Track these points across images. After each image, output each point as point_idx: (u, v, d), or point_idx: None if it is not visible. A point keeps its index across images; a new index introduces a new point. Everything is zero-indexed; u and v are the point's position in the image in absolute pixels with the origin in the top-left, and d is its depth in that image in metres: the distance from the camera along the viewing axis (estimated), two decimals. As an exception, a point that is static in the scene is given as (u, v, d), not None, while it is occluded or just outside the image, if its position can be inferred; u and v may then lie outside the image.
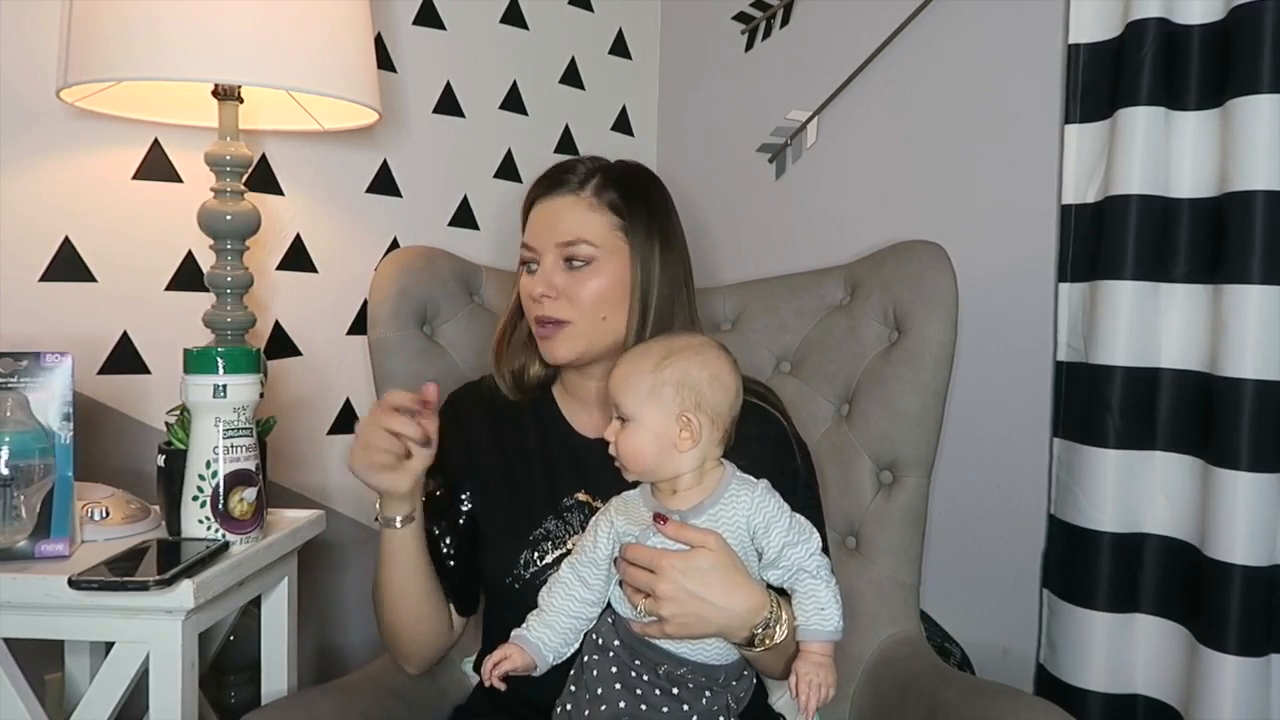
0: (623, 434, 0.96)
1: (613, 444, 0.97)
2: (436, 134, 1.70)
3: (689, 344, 0.99)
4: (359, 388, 1.61)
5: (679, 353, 0.98)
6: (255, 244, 1.35)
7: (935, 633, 1.50)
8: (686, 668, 0.96)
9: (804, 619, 0.96)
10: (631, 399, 0.96)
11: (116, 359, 1.39)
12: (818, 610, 0.96)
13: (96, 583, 0.95)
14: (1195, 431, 1.36)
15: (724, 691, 0.98)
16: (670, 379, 0.96)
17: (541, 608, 1.00)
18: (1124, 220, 1.38)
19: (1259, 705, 1.29)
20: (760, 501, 0.96)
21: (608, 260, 1.09)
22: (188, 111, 1.36)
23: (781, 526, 0.96)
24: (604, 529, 0.99)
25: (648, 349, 0.99)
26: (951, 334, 1.37)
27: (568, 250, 1.08)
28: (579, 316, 1.08)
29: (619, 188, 1.11)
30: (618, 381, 0.98)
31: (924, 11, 1.65)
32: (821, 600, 0.96)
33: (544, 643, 0.99)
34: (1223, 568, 1.29)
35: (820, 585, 0.96)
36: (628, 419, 0.96)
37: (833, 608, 0.96)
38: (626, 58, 1.99)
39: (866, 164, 1.75)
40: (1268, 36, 1.26)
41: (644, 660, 0.96)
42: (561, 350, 1.08)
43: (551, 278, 1.08)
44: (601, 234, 1.09)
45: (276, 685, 1.25)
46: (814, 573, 0.97)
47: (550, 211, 1.10)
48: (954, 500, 1.61)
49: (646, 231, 1.11)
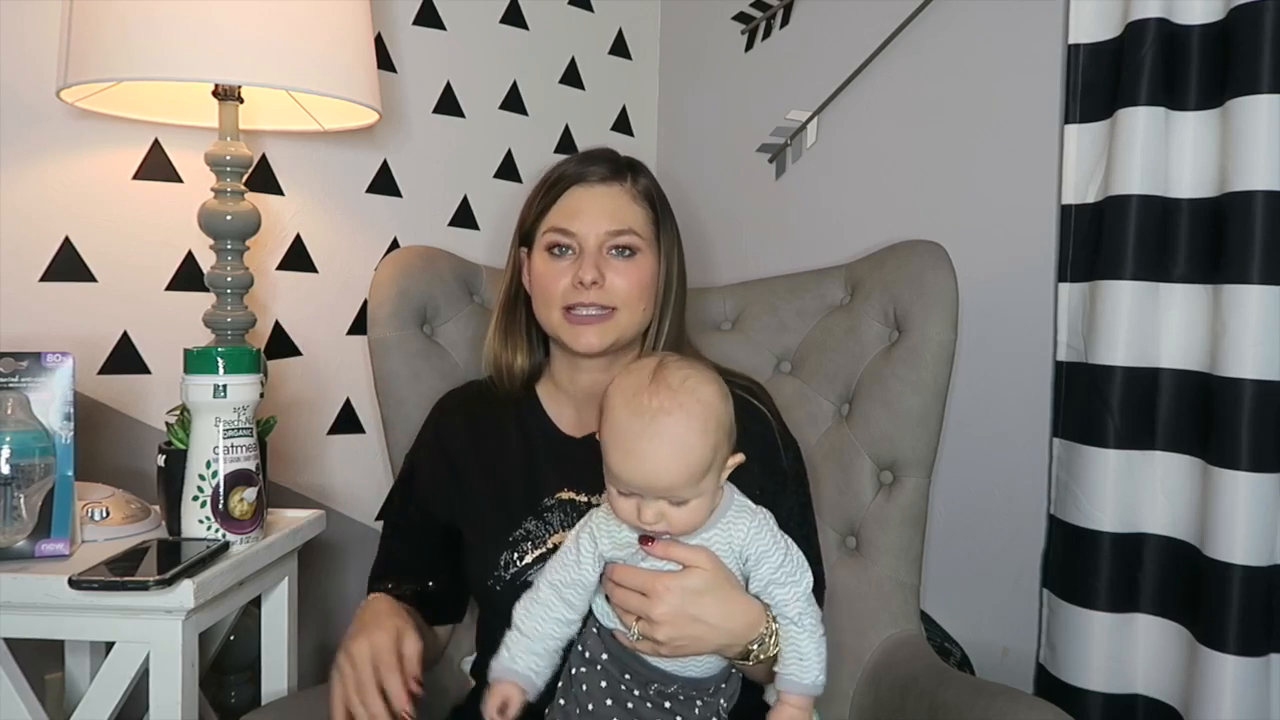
0: (680, 515, 0.87)
1: (659, 527, 0.88)
2: (436, 134, 1.70)
3: (685, 375, 0.89)
4: (359, 388, 1.61)
5: (694, 390, 0.87)
6: (255, 244, 1.35)
7: (935, 633, 1.50)
8: (677, 684, 0.94)
9: (782, 667, 0.92)
10: (696, 480, 0.86)
11: (117, 359, 1.39)
12: (797, 660, 0.91)
13: (96, 583, 0.95)
14: (1195, 431, 1.36)
15: (714, 700, 0.96)
16: (715, 427, 0.87)
17: (523, 632, 0.95)
18: (1124, 220, 1.38)
19: (1259, 705, 1.28)
20: (756, 532, 0.92)
21: (647, 253, 1.10)
22: (188, 111, 1.36)
23: (773, 563, 0.92)
24: (587, 548, 0.94)
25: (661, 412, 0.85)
26: (952, 334, 1.37)
27: (619, 239, 1.08)
28: (623, 305, 1.07)
29: (650, 182, 1.14)
30: (675, 471, 0.85)
31: (924, 11, 1.65)
32: (802, 650, 0.91)
33: (534, 670, 0.95)
34: (1223, 568, 1.29)
35: (802, 634, 0.91)
36: (685, 500, 0.87)
37: (813, 660, 0.91)
38: (626, 58, 1.99)
39: (866, 164, 1.75)
40: (1268, 36, 1.26)
41: (634, 674, 0.94)
42: (598, 339, 1.07)
43: (599, 265, 1.07)
44: (643, 226, 1.11)
45: (276, 685, 1.25)
46: (796, 620, 0.92)
47: (598, 198, 1.10)
48: (954, 500, 1.61)
49: (671, 228, 1.14)
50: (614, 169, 1.12)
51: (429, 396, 1.31)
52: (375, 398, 1.38)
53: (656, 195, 1.14)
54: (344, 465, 1.62)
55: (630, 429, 0.86)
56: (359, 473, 1.62)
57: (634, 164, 1.15)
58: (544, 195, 1.13)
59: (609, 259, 1.08)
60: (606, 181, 1.11)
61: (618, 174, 1.12)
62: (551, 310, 1.09)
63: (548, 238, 1.10)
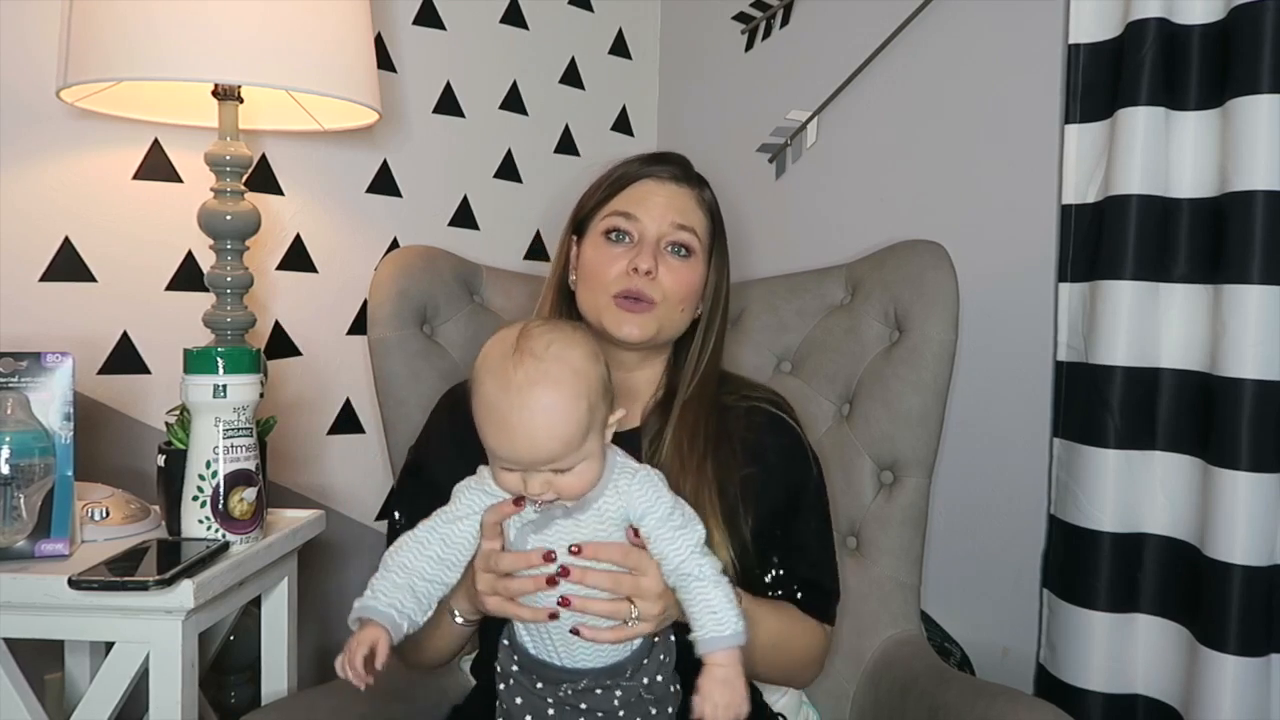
0: (568, 481, 0.86)
1: (549, 498, 0.86)
2: (436, 134, 1.70)
3: (549, 341, 0.86)
4: (359, 388, 1.61)
5: (559, 355, 0.86)
6: (255, 244, 1.35)
7: (935, 633, 1.50)
8: (585, 678, 0.90)
9: (699, 629, 0.87)
10: (575, 445, 0.85)
11: (116, 359, 1.39)
12: (710, 614, 0.86)
13: (96, 583, 0.95)
14: (1195, 431, 1.36)
15: (634, 683, 0.91)
16: (586, 390, 0.85)
17: (390, 569, 0.91)
18: (1124, 220, 1.38)
19: (1259, 705, 1.29)
20: (640, 488, 0.89)
21: (699, 258, 1.11)
22: (188, 111, 1.36)
23: (660, 514, 0.88)
24: (467, 503, 0.92)
25: (527, 384, 0.84)
26: (952, 334, 1.37)
27: (680, 235, 1.09)
28: (665, 302, 1.07)
29: (714, 199, 1.15)
30: (552, 441, 0.84)
31: (924, 11, 1.65)
32: (713, 603, 0.87)
33: (397, 609, 0.88)
34: (1223, 568, 1.29)
35: (707, 587, 0.87)
36: (570, 467, 0.85)
37: (726, 609, 0.87)
38: (626, 58, 1.99)
39: (866, 164, 1.75)
40: (1268, 36, 1.26)
41: (544, 680, 0.92)
42: (638, 330, 1.06)
43: (656, 256, 1.07)
44: (703, 232, 1.12)
45: (276, 685, 1.25)
46: (696, 575, 0.87)
47: (668, 193, 1.11)
48: (954, 500, 1.61)
49: (725, 249, 1.15)
50: (685, 172, 1.14)
51: (429, 396, 1.30)
52: (375, 398, 1.38)
53: (717, 213, 1.15)
54: (344, 465, 1.62)
55: (500, 404, 0.84)
56: (359, 473, 1.62)
57: (702, 177, 1.17)
58: (610, 184, 1.13)
59: (664, 254, 1.08)
60: (677, 181, 1.12)
61: (688, 178, 1.14)
62: (599, 294, 1.07)
63: (608, 221, 1.10)
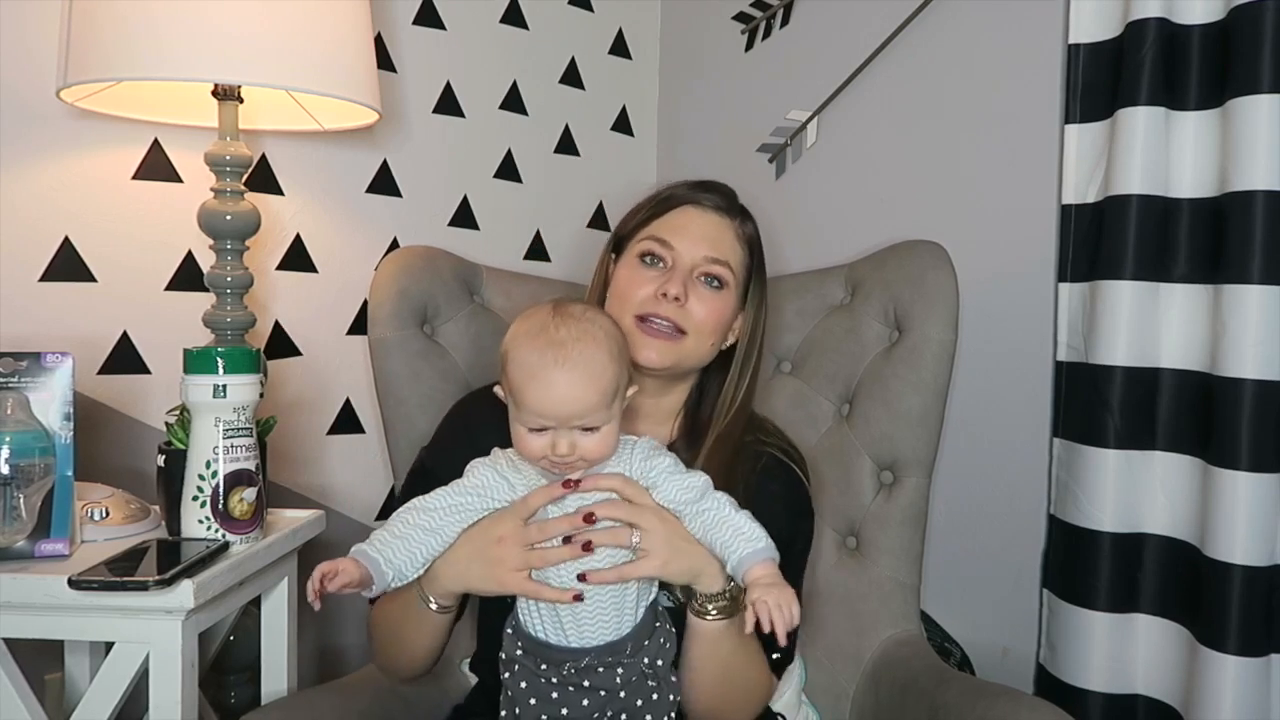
0: (592, 442, 0.91)
1: (572, 458, 0.91)
2: (436, 134, 1.70)
3: (584, 308, 0.96)
4: (359, 388, 1.61)
5: (594, 319, 0.94)
6: (255, 244, 1.35)
7: (935, 633, 1.50)
8: (587, 655, 0.93)
9: (731, 553, 0.91)
10: (608, 402, 0.91)
11: (116, 359, 1.39)
12: (738, 535, 0.91)
13: (96, 583, 0.95)
14: (1195, 431, 1.36)
15: (636, 661, 0.94)
16: (619, 353, 0.93)
17: (390, 525, 0.95)
18: (1124, 220, 1.38)
19: (1259, 705, 1.29)
20: (643, 452, 0.95)
21: (732, 292, 1.10)
22: (188, 111, 1.36)
23: (664, 465, 0.95)
24: (478, 480, 0.96)
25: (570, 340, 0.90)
26: (952, 334, 1.37)
27: (714, 268, 1.08)
28: (694, 332, 1.06)
29: (755, 232, 1.14)
30: (590, 392, 0.90)
31: (924, 11, 1.65)
32: (738, 525, 0.92)
33: (385, 558, 0.92)
34: (1223, 568, 1.29)
35: (727, 511, 0.93)
36: (596, 427, 0.91)
37: (752, 527, 0.92)
38: (626, 58, 1.99)
39: (866, 164, 1.75)
40: (1268, 36, 1.26)
41: (548, 662, 0.94)
42: (657, 356, 1.05)
43: (687, 285, 1.07)
44: (738, 266, 1.11)
45: (276, 685, 1.25)
46: (714, 508, 0.93)
47: (707, 222, 1.10)
48: (954, 500, 1.61)
49: (763, 286, 1.15)
50: (728, 203, 1.13)
51: (429, 396, 1.30)
52: (375, 398, 1.38)
53: (757, 247, 1.15)
54: (344, 465, 1.62)
55: (543, 360, 0.90)
56: (359, 473, 1.62)
57: (746, 209, 1.15)
58: (653, 207, 1.13)
59: (696, 284, 1.07)
60: (719, 211, 1.11)
61: (731, 209, 1.13)
62: (624, 315, 1.07)
63: (643, 245, 1.10)
